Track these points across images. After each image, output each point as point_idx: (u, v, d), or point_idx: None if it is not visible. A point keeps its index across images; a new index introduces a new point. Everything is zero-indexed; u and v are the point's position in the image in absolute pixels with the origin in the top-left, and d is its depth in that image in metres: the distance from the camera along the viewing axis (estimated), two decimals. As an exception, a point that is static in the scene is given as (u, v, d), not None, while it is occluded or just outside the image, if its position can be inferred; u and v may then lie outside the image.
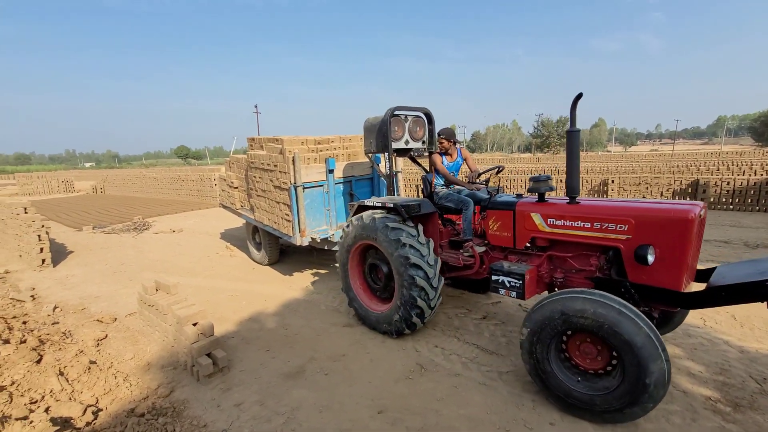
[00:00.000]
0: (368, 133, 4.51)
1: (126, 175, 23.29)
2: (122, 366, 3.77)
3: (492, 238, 3.84)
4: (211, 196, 16.34)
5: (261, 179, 6.04)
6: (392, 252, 3.85)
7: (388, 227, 3.87)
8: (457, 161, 4.68)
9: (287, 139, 5.37)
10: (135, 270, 7.10)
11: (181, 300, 4.05)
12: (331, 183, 5.68)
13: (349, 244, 4.40)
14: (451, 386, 3.33)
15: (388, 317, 4.10)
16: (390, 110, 4.24)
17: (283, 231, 5.68)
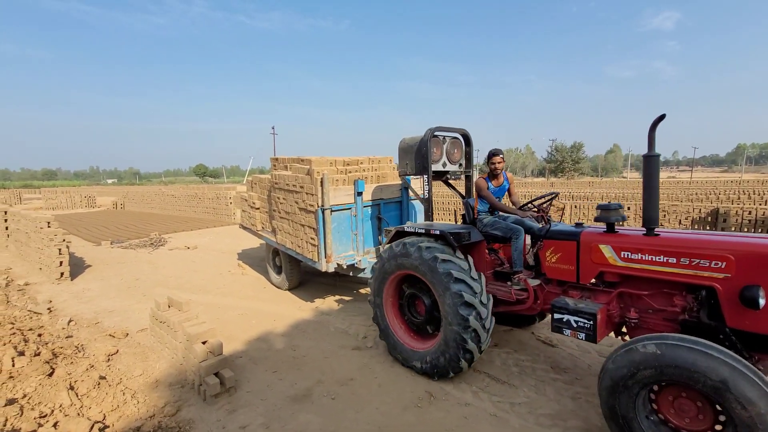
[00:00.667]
0: (404, 154, 4.30)
1: (145, 191, 23.98)
2: (131, 382, 3.77)
3: (549, 270, 3.53)
4: (226, 214, 16.63)
5: (285, 200, 5.85)
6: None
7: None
8: (504, 185, 4.29)
9: (315, 159, 5.23)
10: (149, 285, 7.20)
11: (192, 317, 4.07)
12: (360, 206, 5.41)
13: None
14: (461, 416, 3.23)
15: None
16: (430, 130, 4.03)
17: (307, 255, 5.43)
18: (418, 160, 4.15)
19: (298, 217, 5.51)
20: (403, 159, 4.35)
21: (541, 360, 4.12)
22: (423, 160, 4.08)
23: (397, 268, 3.96)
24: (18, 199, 27.62)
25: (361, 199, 5.41)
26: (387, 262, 4.03)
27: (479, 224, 4.12)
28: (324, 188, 4.95)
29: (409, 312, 4.10)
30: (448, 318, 3.50)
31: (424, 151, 4.04)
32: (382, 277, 4.14)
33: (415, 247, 3.72)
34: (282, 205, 5.96)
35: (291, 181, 5.59)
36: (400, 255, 3.87)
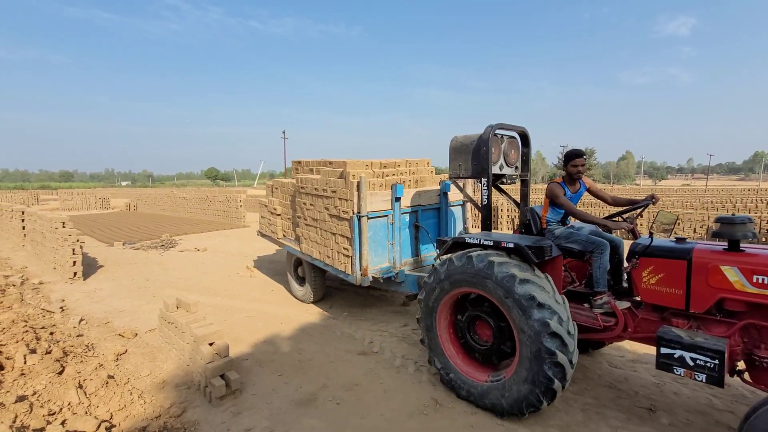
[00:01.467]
0: (457, 155, 3.87)
1: (158, 194, 24.38)
2: (138, 382, 3.80)
3: (646, 293, 3.03)
4: (236, 217, 16.80)
5: (313, 206, 5.37)
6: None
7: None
8: (580, 191, 3.77)
9: (350, 162, 4.87)
10: (159, 286, 7.28)
11: (199, 319, 4.10)
12: (397, 213, 4.88)
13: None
14: (467, 425, 3.17)
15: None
16: (490, 128, 3.58)
17: (338, 267, 4.95)
18: (476, 162, 3.68)
19: (329, 224, 5.06)
20: (455, 160, 3.90)
21: (550, 369, 4.03)
22: (483, 161, 3.61)
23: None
24: (35, 200, 28.29)
25: (399, 205, 4.90)
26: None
27: (548, 236, 3.64)
28: (360, 193, 4.48)
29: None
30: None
31: (484, 151, 3.58)
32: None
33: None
34: (309, 212, 5.49)
35: (321, 185, 5.14)
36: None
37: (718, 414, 3.28)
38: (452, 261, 3.41)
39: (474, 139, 3.72)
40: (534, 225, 3.86)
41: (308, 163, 6.06)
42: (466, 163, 3.81)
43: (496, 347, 3.34)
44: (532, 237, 3.54)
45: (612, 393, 3.61)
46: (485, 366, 3.50)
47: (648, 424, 3.16)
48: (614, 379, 3.84)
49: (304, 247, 5.72)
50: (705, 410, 3.34)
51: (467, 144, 3.78)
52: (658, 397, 3.55)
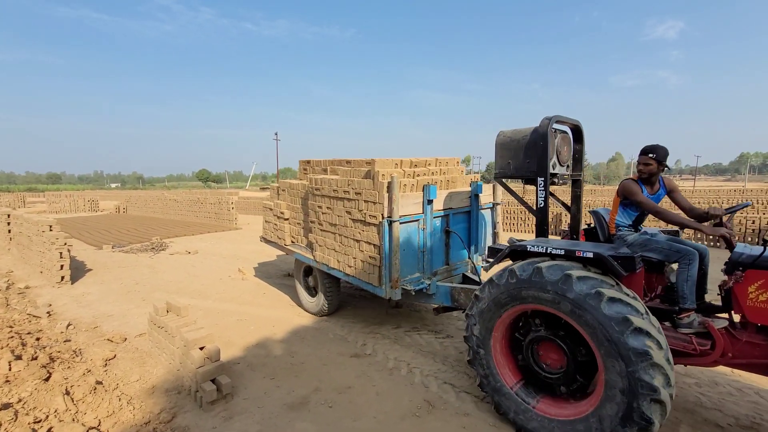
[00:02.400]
0: (504, 151, 3.50)
1: (148, 196, 24.08)
2: (127, 388, 3.74)
3: (756, 312, 2.61)
4: (227, 219, 16.66)
5: (330, 210, 4.87)
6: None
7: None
8: (659, 193, 3.28)
9: (379, 160, 4.42)
10: (148, 290, 7.19)
11: (190, 323, 4.05)
12: (429, 217, 4.43)
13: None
14: (459, 426, 3.18)
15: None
16: (549, 119, 3.18)
17: (362, 278, 4.48)
18: (530, 159, 3.30)
19: (351, 230, 4.57)
20: (502, 157, 3.53)
21: (542, 369, 4.06)
22: (539, 158, 3.22)
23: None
24: (22, 203, 27.77)
25: (432, 208, 4.44)
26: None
27: (618, 243, 3.24)
28: (392, 195, 4.03)
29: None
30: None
31: (541, 147, 3.19)
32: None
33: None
34: (325, 216, 4.98)
35: (342, 187, 4.63)
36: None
37: (706, 412, 3.33)
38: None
39: (526, 133, 3.34)
40: (600, 231, 3.43)
41: (320, 163, 5.62)
42: (516, 160, 3.42)
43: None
44: (604, 245, 3.08)
45: (603, 392, 3.64)
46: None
47: (638, 422, 3.19)
48: (605, 379, 3.88)
49: (318, 255, 5.20)
50: (693, 408, 3.39)
51: (518, 139, 3.39)
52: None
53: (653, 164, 3.12)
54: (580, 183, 3.78)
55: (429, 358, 4.37)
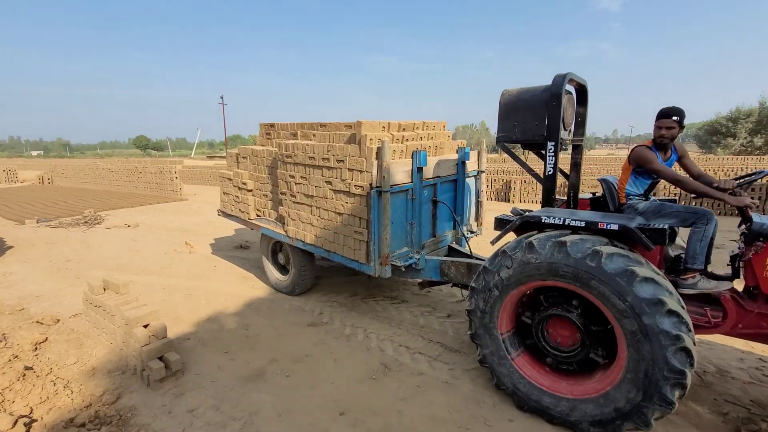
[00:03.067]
0: (510, 113, 3.20)
1: (78, 165, 21.75)
2: (63, 372, 3.48)
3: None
4: (171, 190, 15.57)
5: (306, 180, 4.39)
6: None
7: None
8: (671, 159, 3.08)
9: (366, 123, 3.93)
10: (83, 267, 6.62)
11: (131, 300, 3.79)
12: (418, 187, 4.10)
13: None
14: (414, 386, 3.32)
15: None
16: (563, 77, 2.92)
17: (346, 255, 4.13)
18: (538, 121, 3.03)
19: (332, 202, 4.17)
20: (506, 119, 3.23)
21: (491, 328, 4.31)
22: (552, 121, 2.96)
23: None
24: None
25: (421, 177, 4.11)
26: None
27: (629, 212, 3.08)
28: (382, 162, 3.63)
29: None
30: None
31: (554, 108, 2.92)
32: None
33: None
34: (299, 187, 4.50)
35: (320, 153, 4.16)
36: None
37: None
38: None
39: (535, 92, 3.05)
40: (611, 199, 3.24)
41: (286, 127, 5.09)
42: (523, 123, 3.13)
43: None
44: (618, 215, 2.90)
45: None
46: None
47: (573, 370, 3.51)
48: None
49: (292, 231, 4.74)
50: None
51: (525, 99, 3.10)
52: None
53: (676, 128, 2.90)
54: (581, 149, 3.54)
55: (385, 323, 4.47)
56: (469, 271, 3.77)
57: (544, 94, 3.01)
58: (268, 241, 5.53)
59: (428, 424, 2.86)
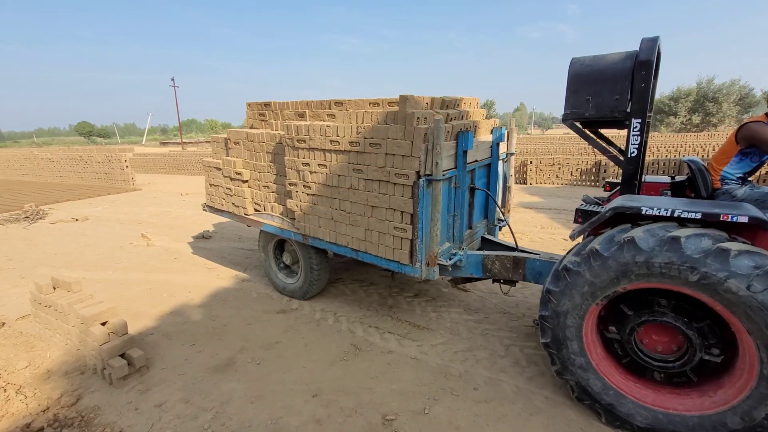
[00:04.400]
0: (582, 85, 2.79)
1: (11, 155, 19.84)
2: (13, 377, 3.28)
3: None
4: (122, 180, 14.64)
5: (323, 168, 3.78)
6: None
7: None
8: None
9: (412, 98, 3.31)
10: (27, 266, 6.16)
11: (85, 297, 3.60)
12: (462, 173, 3.59)
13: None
14: (384, 363, 3.43)
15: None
16: (654, 40, 2.53)
17: (384, 256, 3.55)
18: (620, 95, 2.64)
19: (362, 194, 3.56)
20: (578, 92, 2.81)
21: (456, 304, 4.50)
22: (640, 93, 2.56)
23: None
24: None
25: (465, 161, 3.58)
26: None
27: (724, 198, 2.81)
28: (435, 145, 3.08)
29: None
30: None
31: (643, 77, 2.52)
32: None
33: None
34: (316, 176, 3.87)
35: (347, 135, 3.52)
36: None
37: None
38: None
39: (616, 60, 2.66)
40: (703, 184, 2.88)
41: (287, 106, 4.47)
42: (599, 96, 2.72)
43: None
44: (725, 203, 2.48)
45: (505, 317, 4.19)
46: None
47: (533, 338, 3.77)
48: (507, 306, 4.44)
49: (305, 227, 4.11)
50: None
51: (601, 69, 2.70)
52: (540, 315, 4.22)
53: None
54: (648, 126, 2.91)
55: (354, 305, 4.54)
56: (516, 265, 3.44)
57: (627, 61, 2.62)
58: (269, 239, 4.89)
59: (399, 398, 2.99)
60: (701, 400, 2.42)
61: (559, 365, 2.75)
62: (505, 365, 3.37)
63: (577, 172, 12.87)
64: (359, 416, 2.81)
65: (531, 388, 3.07)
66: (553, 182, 13.18)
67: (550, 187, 12.83)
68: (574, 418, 2.75)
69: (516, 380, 3.16)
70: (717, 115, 36.51)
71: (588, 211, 2.94)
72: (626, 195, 2.78)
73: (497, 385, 3.10)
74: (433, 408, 2.88)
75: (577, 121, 2.94)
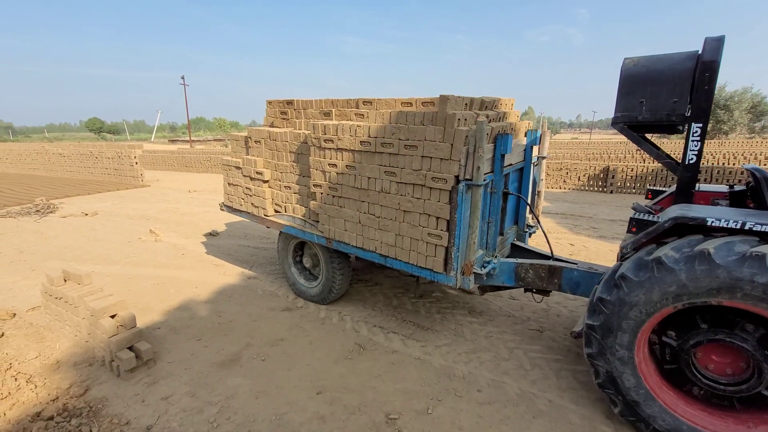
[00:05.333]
0: (635, 86, 2.65)
1: (23, 150, 20.14)
2: (24, 366, 3.34)
3: None
4: (131, 176, 14.81)
5: (352, 169, 3.65)
6: None
7: None
8: None
9: (452, 98, 3.15)
10: (38, 259, 6.26)
11: (95, 290, 3.66)
12: (498, 177, 3.46)
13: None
14: (388, 363, 3.45)
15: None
16: (719, 40, 2.38)
17: (416, 263, 3.42)
18: (678, 98, 2.49)
19: (394, 198, 3.42)
20: (632, 94, 2.67)
21: (460, 306, 4.51)
22: (703, 96, 2.40)
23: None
24: None
25: (502, 165, 3.44)
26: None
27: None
28: (477, 148, 2.93)
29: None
30: None
31: (707, 79, 2.37)
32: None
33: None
34: (343, 177, 3.74)
35: (380, 136, 3.39)
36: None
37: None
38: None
39: (676, 60, 2.50)
40: (764, 194, 2.62)
41: (311, 104, 4.37)
42: (654, 99, 2.57)
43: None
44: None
45: (510, 321, 4.19)
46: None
47: (537, 342, 3.76)
48: (512, 309, 4.44)
49: (329, 230, 4.00)
50: (578, 326, 4.06)
51: (660, 70, 2.54)
52: (545, 319, 4.22)
53: None
54: (704, 133, 2.72)
55: (359, 305, 4.57)
56: (551, 275, 3.30)
57: (688, 62, 2.47)
58: (289, 240, 4.78)
59: (402, 397, 3.00)
60: (736, 428, 2.32)
61: (604, 378, 2.60)
62: (509, 368, 3.37)
63: (584, 177, 12.79)
64: (363, 414, 2.83)
65: (534, 391, 3.07)
66: (560, 187, 13.11)
67: (557, 191, 12.77)
68: (577, 421, 2.75)
69: (519, 383, 3.16)
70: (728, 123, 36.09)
71: (644, 220, 2.79)
72: (682, 204, 2.64)
73: (500, 388, 3.10)
74: (437, 408, 2.89)
75: (628, 125, 2.80)
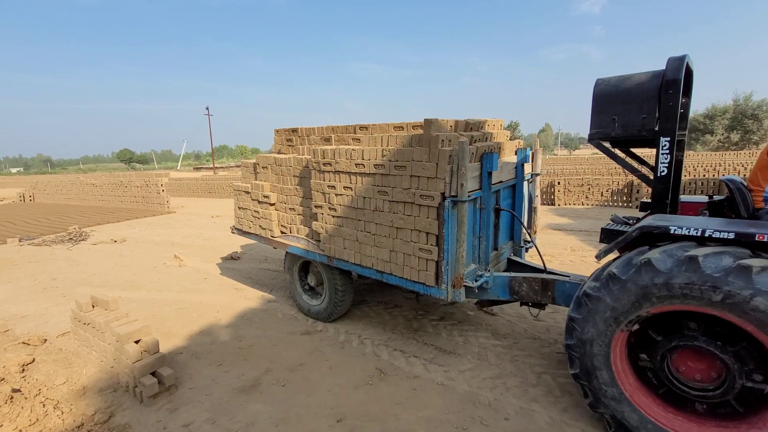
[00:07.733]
0: (607, 105, 2.80)
1: (60, 181, 21.33)
2: (52, 392, 3.41)
3: None
4: (158, 203, 15.38)
5: (348, 190, 3.89)
6: None
7: None
8: None
9: (436, 121, 3.46)
10: (69, 285, 6.49)
11: (121, 316, 3.75)
12: (487, 194, 3.64)
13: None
14: (410, 389, 3.34)
15: None
16: (681, 59, 2.52)
17: (409, 277, 3.58)
18: (647, 114, 2.62)
19: (387, 216, 3.62)
20: (604, 112, 2.81)
21: (483, 328, 4.37)
22: (668, 112, 2.53)
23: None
24: None
25: (490, 183, 3.63)
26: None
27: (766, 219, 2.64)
28: (460, 167, 3.14)
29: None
30: None
31: (671, 96, 2.50)
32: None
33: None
34: (341, 198, 3.97)
35: (372, 158, 3.63)
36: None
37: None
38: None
39: (642, 79, 2.66)
40: (743, 204, 2.77)
41: (313, 131, 4.63)
42: (625, 116, 2.71)
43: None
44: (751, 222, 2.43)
45: (536, 343, 4.02)
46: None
47: (565, 366, 3.58)
48: (537, 331, 4.27)
49: (330, 249, 4.18)
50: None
51: (628, 88, 2.70)
52: (573, 342, 4.02)
53: None
54: (683, 144, 2.97)
55: (379, 328, 4.49)
56: (545, 288, 3.36)
57: (654, 80, 2.62)
58: (294, 260, 4.96)
59: (425, 426, 2.89)
60: None
61: (592, 397, 2.64)
62: (537, 394, 3.21)
63: (607, 192, 12.47)
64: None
65: (566, 419, 2.90)
66: (583, 203, 12.80)
67: (580, 208, 12.46)
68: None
69: (549, 411, 3.00)
70: (758, 133, 34.76)
71: (614, 230, 2.91)
72: (656, 215, 2.72)
73: (529, 416, 2.94)
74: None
75: (603, 141, 2.93)
